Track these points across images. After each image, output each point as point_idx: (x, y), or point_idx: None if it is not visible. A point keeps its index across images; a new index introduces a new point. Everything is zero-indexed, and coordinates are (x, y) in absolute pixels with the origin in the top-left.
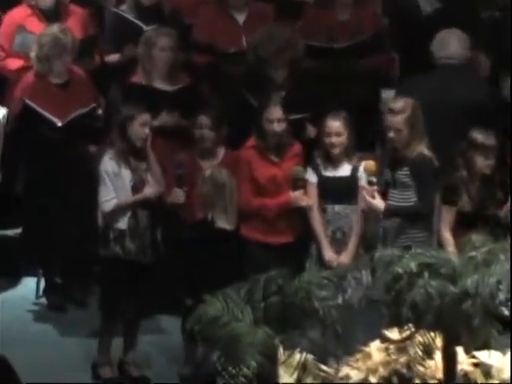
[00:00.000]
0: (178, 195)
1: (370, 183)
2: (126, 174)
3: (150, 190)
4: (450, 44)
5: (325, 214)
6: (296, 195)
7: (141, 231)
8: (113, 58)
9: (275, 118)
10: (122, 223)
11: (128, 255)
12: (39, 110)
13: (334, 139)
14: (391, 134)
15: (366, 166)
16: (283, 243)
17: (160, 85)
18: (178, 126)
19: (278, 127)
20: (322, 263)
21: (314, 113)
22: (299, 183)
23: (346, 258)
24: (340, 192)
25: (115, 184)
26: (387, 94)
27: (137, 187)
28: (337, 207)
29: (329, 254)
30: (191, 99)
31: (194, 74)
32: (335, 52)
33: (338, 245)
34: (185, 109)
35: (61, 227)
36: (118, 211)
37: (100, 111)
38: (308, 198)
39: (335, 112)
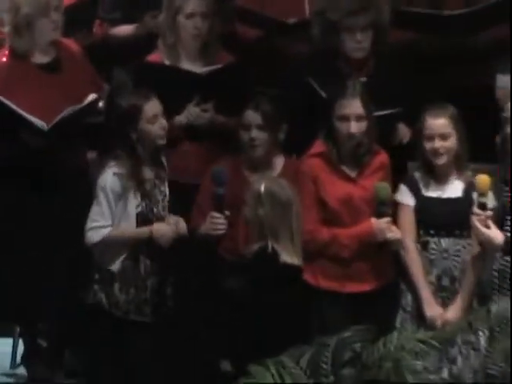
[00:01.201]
0: (217, 223)
1: (483, 206)
2: (133, 197)
3: (161, 228)
4: None
5: (426, 252)
6: (381, 224)
7: (139, 280)
8: (121, 30)
9: (352, 114)
10: (113, 264)
11: (114, 309)
12: (14, 107)
13: (437, 144)
14: (508, 130)
15: (477, 182)
16: (362, 292)
17: (188, 65)
18: (213, 123)
19: (356, 127)
20: (419, 321)
21: (408, 107)
22: (386, 207)
23: (454, 313)
24: (448, 220)
25: (114, 208)
26: (504, 80)
27: (145, 217)
28: (444, 242)
29: (431, 308)
30: (233, 86)
31: (237, 52)
32: (444, 21)
33: (445, 295)
34: (223, 100)
35: (44, 268)
36: (110, 246)
37: (102, 104)
38: (398, 229)
39: (439, 106)
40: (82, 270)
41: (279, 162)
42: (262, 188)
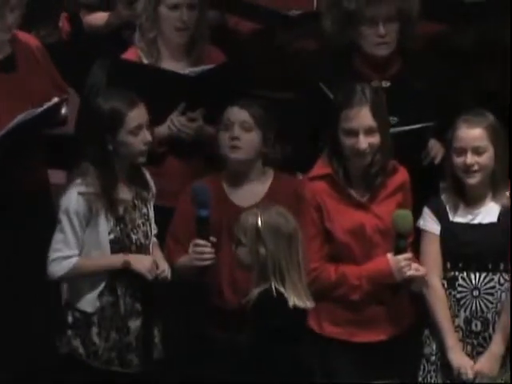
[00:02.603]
0: (203, 252)
1: None
2: (104, 221)
3: (141, 260)
4: None
5: (453, 290)
6: (400, 262)
7: (120, 320)
8: (96, 18)
9: (360, 126)
10: (87, 303)
11: (93, 358)
12: None
13: (470, 159)
14: None
15: None
16: (377, 342)
17: (171, 65)
18: (201, 136)
19: (365, 143)
20: (446, 373)
21: (441, 119)
22: (405, 241)
23: (487, 365)
24: (479, 250)
25: (81, 234)
26: None
27: (121, 245)
28: (474, 277)
29: (458, 357)
30: (225, 91)
31: (230, 50)
32: (475, 8)
33: (476, 342)
34: (214, 107)
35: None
36: (78, 280)
37: (65, 110)
38: (421, 265)
39: (475, 113)
40: (54, 311)
41: (266, 177)
42: (260, 221)
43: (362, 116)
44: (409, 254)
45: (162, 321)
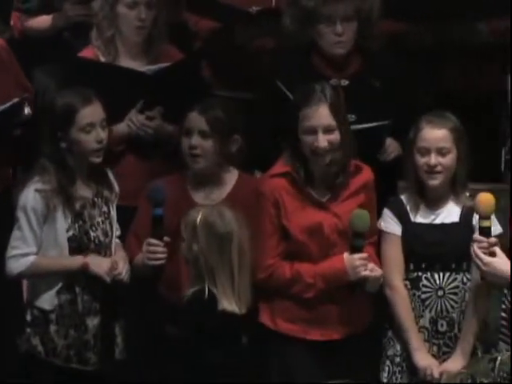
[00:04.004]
0: (155, 252)
1: (486, 232)
2: (62, 219)
3: (99, 262)
4: None
5: (417, 291)
6: (354, 261)
7: (78, 318)
8: (38, 22)
9: (319, 125)
10: (45, 300)
11: (52, 356)
12: None
13: (434, 160)
14: None
15: (479, 203)
16: (333, 341)
17: (128, 63)
18: (160, 134)
19: (325, 141)
20: (411, 374)
21: (400, 118)
22: (362, 241)
23: (454, 364)
24: (442, 251)
25: (39, 231)
26: None
27: (79, 242)
28: (439, 278)
29: (424, 358)
30: (184, 89)
31: (188, 48)
32: (435, 7)
33: (441, 342)
34: (172, 105)
35: None
36: (36, 277)
37: (28, 110)
38: (377, 266)
39: (439, 114)
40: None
41: (231, 177)
42: (199, 218)
43: (321, 114)
44: (364, 254)
45: (123, 320)
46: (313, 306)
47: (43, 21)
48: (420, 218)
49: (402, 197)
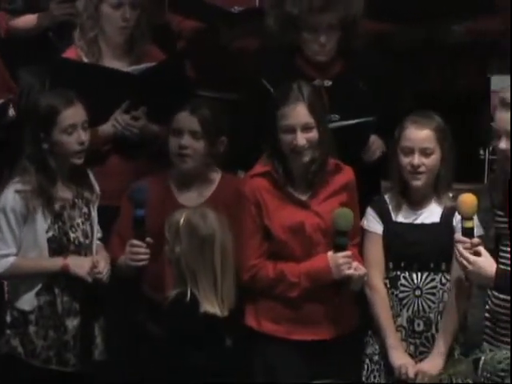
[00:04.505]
0: (137, 253)
1: (468, 232)
2: (42, 219)
3: (80, 263)
4: None
5: (396, 290)
6: (338, 259)
7: (57, 319)
8: (23, 21)
9: (297, 123)
10: (25, 301)
11: (32, 358)
12: None
13: (417, 160)
14: (502, 145)
15: (461, 203)
16: (318, 341)
17: (112, 63)
18: (144, 134)
19: (303, 139)
20: (389, 372)
21: (384, 115)
22: (345, 239)
23: (431, 364)
24: (421, 250)
25: (19, 232)
26: (499, 81)
27: (59, 243)
28: (417, 277)
29: (400, 357)
30: (169, 89)
31: (172, 48)
32: (421, 8)
33: (419, 342)
34: (157, 105)
35: None
36: (16, 278)
37: (12, 112)
38: (361, 265)
39: (423, 114)
40: None
41: (215, 178)
42: (182, 220)
43: (299, 113)
44: (348, 252)
45: (103, 321)
46: (298, 306)
47: (28, 20)
48: (401, 218)
49: (386, 196)
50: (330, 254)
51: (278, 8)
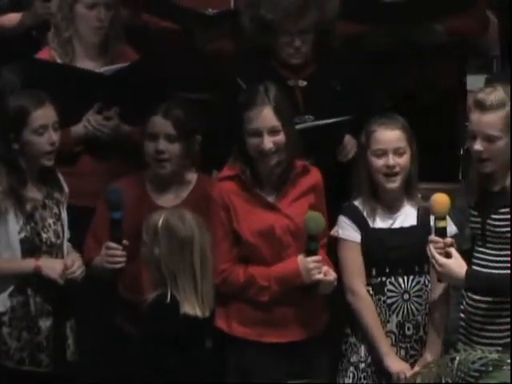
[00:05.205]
0: (113, 255)
1: (441, 232)
2: (14, 220)
3: (52, 265)
4: None
5: (383, 296)
6: (308, 264)
7: (30, 320)
8: (7, 20)
9: (263, 127)
10: None
11: (5, 359)
12: None
13: (391, 160)
14: (477, 146)
15: (434, 203)
16: (290, 343)
17: (85, 64)
18: (117, 134)
19: (270, 143)
20: (378, 379)
21: (358, 115)
22: (316, 243)
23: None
24: (404, 254)
25: None
26: (475, 81)
27: (31, 244)
28: (403, 281)
29: (396, 363)
30: (141, 89)
31: (146, 49)
32: (391, 8)
33: (409, 346)
34: (129, 105)
35: None
36: None
37: None
38: (331, 270)
39: (388, 116)
40: None
41: (191, 178)
42: (160, 222)
43: (265, 116)
44: (318, 257)
45: (75, 321)
46: (268, 309)
47: (13, 18)
48: (379, 223)
49: (356, 203)
50: (300, 258)
51: (253, 11)
